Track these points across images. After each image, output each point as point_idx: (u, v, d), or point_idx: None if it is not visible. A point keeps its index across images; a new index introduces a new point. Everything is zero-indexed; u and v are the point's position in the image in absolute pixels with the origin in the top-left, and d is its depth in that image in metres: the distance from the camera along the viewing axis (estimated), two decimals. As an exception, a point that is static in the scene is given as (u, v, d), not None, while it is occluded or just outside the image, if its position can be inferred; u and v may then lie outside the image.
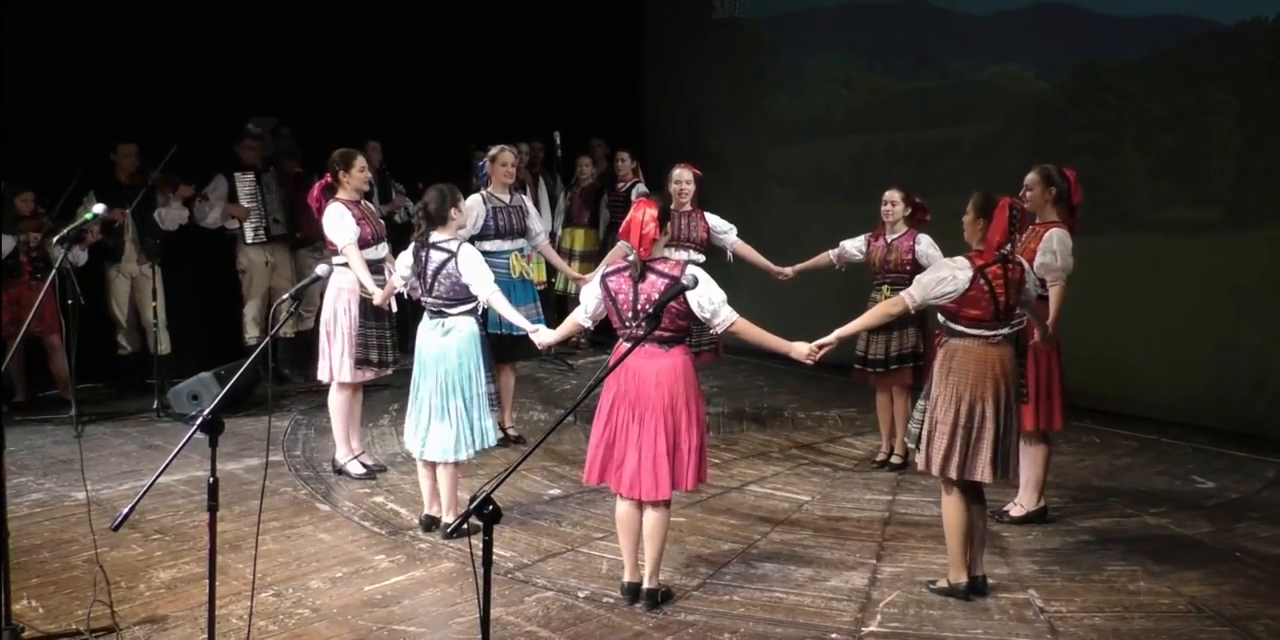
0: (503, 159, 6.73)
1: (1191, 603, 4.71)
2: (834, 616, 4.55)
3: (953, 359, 4.57)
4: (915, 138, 9.25)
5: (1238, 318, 7.41)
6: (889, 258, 6.41)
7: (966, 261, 4.52)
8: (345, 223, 6.01)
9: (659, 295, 4.34)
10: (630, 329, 4.48)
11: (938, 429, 4.56)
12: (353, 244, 5.97)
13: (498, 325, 6.42)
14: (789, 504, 5.98)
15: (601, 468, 4.55)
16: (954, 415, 4.52)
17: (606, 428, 4.53)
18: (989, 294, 4.48)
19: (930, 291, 4.51)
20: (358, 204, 6.17)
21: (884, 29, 9.42)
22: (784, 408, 8.08)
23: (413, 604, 4.59)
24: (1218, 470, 6.69)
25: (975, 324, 4.53)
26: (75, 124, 7.83)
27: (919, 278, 4.66)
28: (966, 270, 4.48)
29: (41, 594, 4.58)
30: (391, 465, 6.53)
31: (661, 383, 4.45)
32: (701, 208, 7.00)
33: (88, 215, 4.74)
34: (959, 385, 4.53)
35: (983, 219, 4.55)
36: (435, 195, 5.25)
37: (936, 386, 4.61)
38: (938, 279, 4.52)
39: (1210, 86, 7.59)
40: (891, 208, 6.49)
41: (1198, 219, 7.61)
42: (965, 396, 4.52)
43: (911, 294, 4.56)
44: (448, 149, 7.74)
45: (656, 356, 4.47)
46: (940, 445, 4.55)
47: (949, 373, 4.57)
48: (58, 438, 6.92)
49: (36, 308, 5.00)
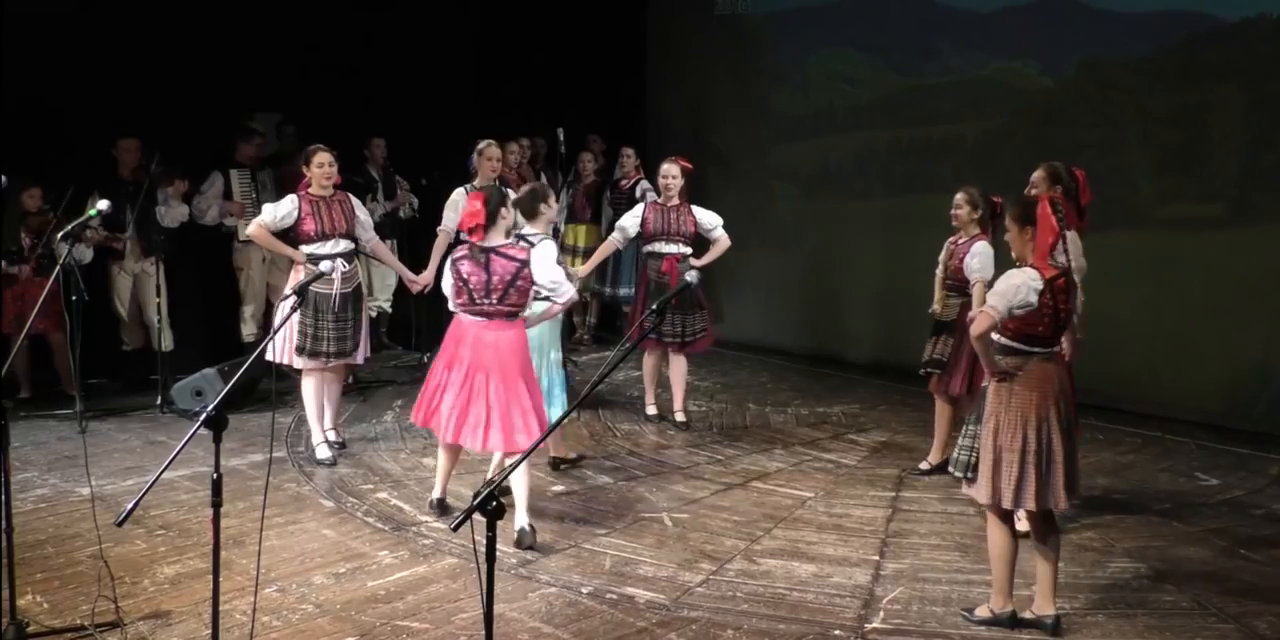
0: (488, 153, 7.00)
1: (1195, 600, 4.70)
2: (837, 613, 4.55)
3: (1013, 379, 4.23)
4: (918, 134, 9.24)
5: (1242, 314, 7.40)
6: (949, 262, 6.16)
7: (1037, 273, 4.18)
8: (276, 207, 6.36)
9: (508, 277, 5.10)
10: (480, 306, 5.19)
11: (1004, 457, 4.20)
12: (256, 224, 6.34)
13: None
14: (792, 500, 5.98)
15: (428, 415, 5.33)
16: (1022, 441, 4.17)
17: (439, 382, 5.30)
18: (1053, 310, 4.20)
19: (1012, 300, 4.13)
20: (323, 199, 6.39)
21: (887, 25, 9.41)
22: (787, 404, 8.07)
23: (416, 600, 4.59)
24: (1222, 467, 6.68)
25: (1036, 341, 4.22)
26: (78, 119, 7.82)
27: (996, 288, 4.23)
28: (1038, 283, 4.15)
29: (46, 589, 4.59)
30: (394, 461, 6.55)
31: (515, 349, 5.23)
32: (690, 202, 7.25)
33: (91, 211, 4.74)
34: (1024, 408, 4.19)
35: (1029, 227, 4.23)
36: (528, 192, 5.70)
37: (997, 410, 4.24)
38: (1014, 286, 4.15)
39: (1215, 82, 7.58)
40: (955, 211, 6.13)
41: (1202, 215, 7.59)
42: (1031, 419, 4.18)
43: (995, 306, 4.14)
44: (452, 145, 7.74)
45: (504, 328, 5.22)
46: (1011, 475, 4.18)
47: (1010, 394, 4.21)
48: (62, 433, 6.93)
49: (40, 304, 4.99)
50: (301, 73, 8.87)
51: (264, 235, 6.33)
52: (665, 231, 7.15)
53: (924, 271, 8.97)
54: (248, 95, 8.80)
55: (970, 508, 5.83)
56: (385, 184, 9.39)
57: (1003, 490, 4.20)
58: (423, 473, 6.33)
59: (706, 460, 6.70)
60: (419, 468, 6.43)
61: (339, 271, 6.35)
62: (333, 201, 6.43)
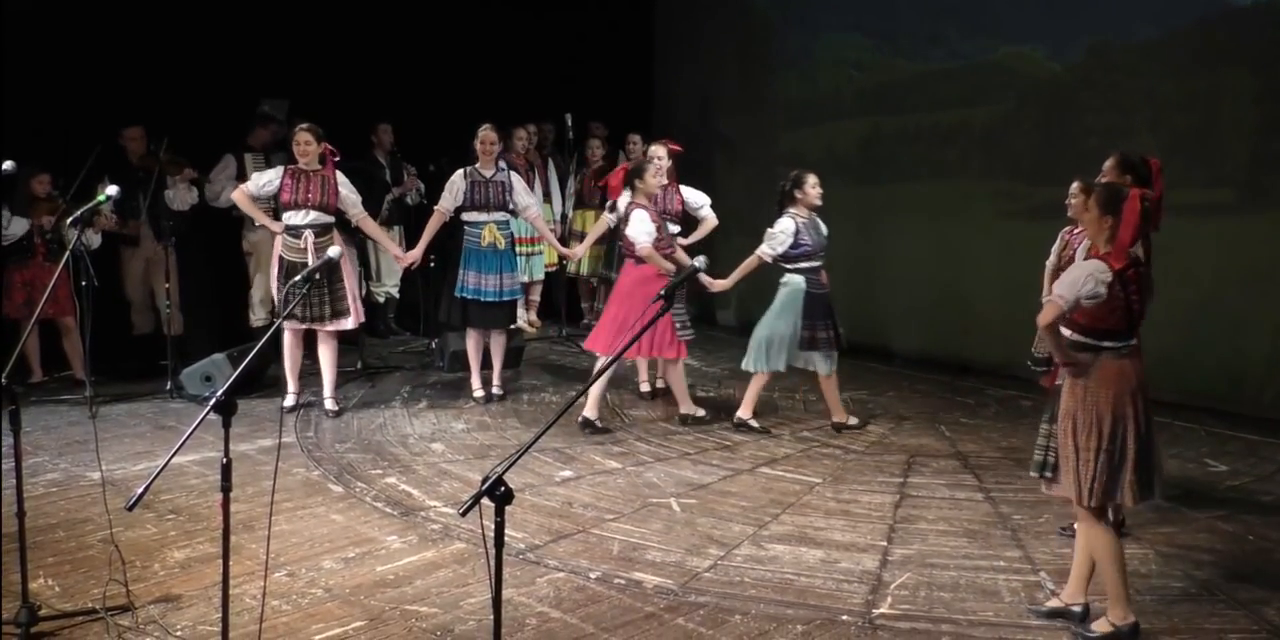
0: (483, 137, 7.38)
1: (1203, 586, 4.70)
2: (845, 598, 4.55)
3: (1086, 376, 4.12)
4: (926, 120, 9.21)
5: (1251, 300, 7.37)
6: (1063, 253, 5.73)
7: (1105, 265, 4.05)
8: (260, 175, 7.03)
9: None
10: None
11: (1081, 456, 4.11)
12: (239, 190, 7.07)
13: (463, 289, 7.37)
14: (800, 486, 5.99)
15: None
16: (1097, 439, 4.09)
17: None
18: (1124, 302, 4.06)
19: (1080, 289, 4.00)
20: (306, 173, 6.94)
21: (894, 10, 9.37)
22: (795, 390, 8.07)
23: (425, 584, 4.61)
24: (1231, 454, 6.68)
25: (1108, 335, 4.09)
26: (86, 105, 7.83)
27: (1062, 277, 4.15)
28: (1106, 275, 4.02)
29: (58, 573, 4.62)
30: (403, 446, 6.56)
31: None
32: (697, 187, 7.65)
33: (101, 197, 4.75)
34: (1098, 405, 4.08)
35: (1110, 216, 4.08)
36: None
37: (1073, 409, 4.14)
38: (1082, 276, 4.03)
39: (1225, 67, 7.53)
40: (1071, 200, 5.62)
41: (1211, 201, 7.55)
42: (1106, 417, 4.08)
43: (1062, 295, 4.03)
44: (459, 131, 7.76)
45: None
46: (1087, 472, 4.10)
47: (1085, 391, 4.11)
48: (72, 418, 6.96)
49: (50, 289, 5.00)
50: (309, 58, 8.86)
51: (245, 200, 7.02)
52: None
53: (933, 257, 9.00)
54: (256, 81, 8.80)
55: (978, 494, 5.85)
56: (392, 170, 9.39)
57: (1086, 487, 4.10)
58: (431, 457, 6.36)
59: (714, 446, 6.71)
60: (427, 453, 6.46)
61: (310, 241, 6.85)
62: (314, 176, 6.95)
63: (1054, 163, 8.10)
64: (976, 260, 8.62)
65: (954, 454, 6.61)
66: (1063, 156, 8.02)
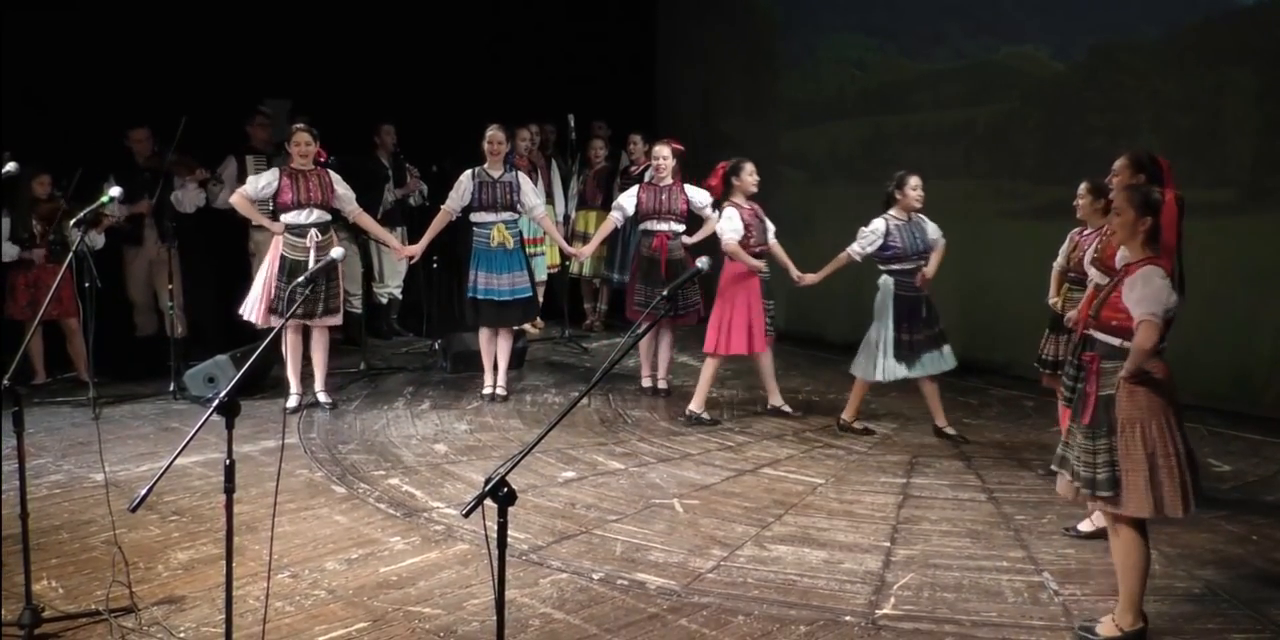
0: (491, 137, 7.40)
1: (1207, 586, 4.70)
2: (848, 599, 4.55)
3: (1145, 383, 3.98)
4: (929, 119, 9.20)
5: (1254, 300, 7.36)
6: (1071, 254, 5.80)
7: (1162, 269, 3.94)
8: (258, 178, 7.10)
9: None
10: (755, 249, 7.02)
11: (1159, 463, 3.96)
12: (237, 194, 7.10)
13: (474, 290, 7.39)
14: (803, 486, 5.99)
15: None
16: (1172, 444, 3.97)
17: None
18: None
19: (1167, 302, 3.91)
20: (302, 173, 7.03)
21: (897, 9, 9.36)
22: (798, 390, 8.07)
23: (428, 585, 4.61)
24: (1234, 453, 6.67)
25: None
26: (88, 106, 7.84)
27: (1145, 294, 3.93)
28: (1167, 279, 3.91)
29: (61, 574, 4.62)
30: (406, 447, 6.57)
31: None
32: (682, 181, 7.70)
33: (104, 198, 4.74)
34: (1164, 410, 3.98)
35: (1149, 217, 3.98)
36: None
37: (1139, 417, 3.99)
38: (1163, 288, 3.91)
39: (1228, 67, 7.52)
40: (1079, 201, 5.68)
41: (1214, 201, 7.53)
42: (1172, 421, 3.99)
43: (1154, 312, 3.88)
44: (462, 132, 7.78)
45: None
46: (1139, 483, 3.96)
47: (1147, 399, 3.98)
48: (76, 420, 6.97)
49: (54, 290, 5.01)
50: (312, 59, 8.88)
51: (244, 203, 7.05)
52: (656, 210, 7.59)
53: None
54: (259, 82, 8.81)
55: (981, 494, 5.85)
56: (395, 171, 9.39)
57: (1166, 499, 3.95)
58: (434, 459, 6.36)
59: (717, 446, 6.71)
60: (430, 454, 6.46)
61: (313, 240, 6.96)
62: (311, 175, 7.06)
63: (1057, 162, 8.10)
64: (979, 260, 8.60)
65: (957, 454, 6.61)
66: (1066, 156, 8.02)
